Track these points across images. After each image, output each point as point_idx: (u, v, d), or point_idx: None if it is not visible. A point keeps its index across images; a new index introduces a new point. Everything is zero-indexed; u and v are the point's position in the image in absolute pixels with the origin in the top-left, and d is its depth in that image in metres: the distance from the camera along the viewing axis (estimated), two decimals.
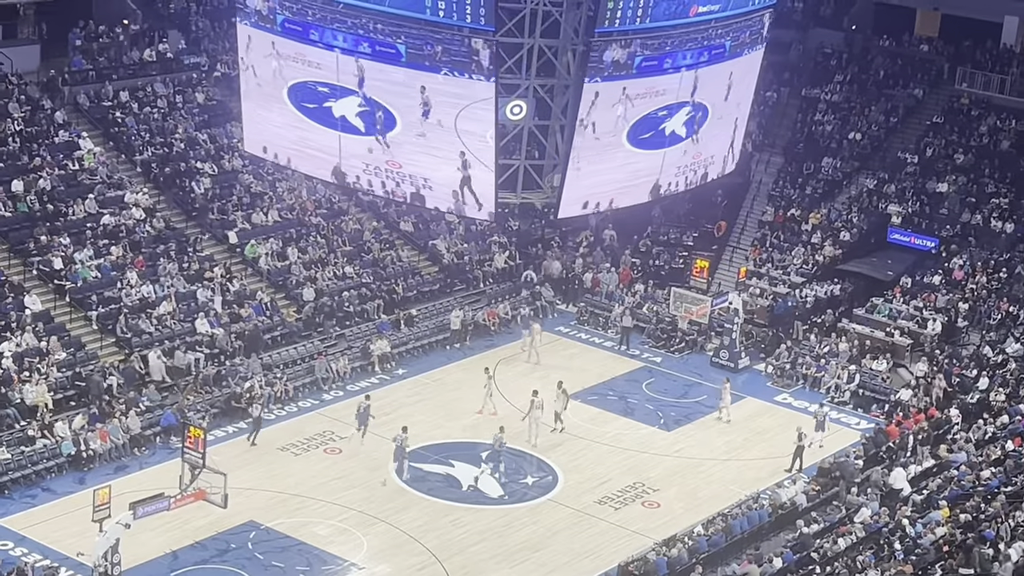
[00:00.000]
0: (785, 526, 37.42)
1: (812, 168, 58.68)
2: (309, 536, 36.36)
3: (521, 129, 39.94)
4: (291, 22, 41.38)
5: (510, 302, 51.95)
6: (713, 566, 35.19)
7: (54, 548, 34.98)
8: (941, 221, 54.43)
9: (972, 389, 44.97)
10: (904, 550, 33.70)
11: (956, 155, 56.83)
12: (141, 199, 49.35)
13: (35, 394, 40.25)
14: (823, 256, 54.18)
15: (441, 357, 48.26)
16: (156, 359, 43.04)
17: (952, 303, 50.42)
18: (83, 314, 44.66)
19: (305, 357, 46.25)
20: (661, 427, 44.09)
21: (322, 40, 40.78)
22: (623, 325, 50.21)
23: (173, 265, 47.42)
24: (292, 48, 41.85)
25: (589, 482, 40.20)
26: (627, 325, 50.16)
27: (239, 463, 38.84)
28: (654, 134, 42.80)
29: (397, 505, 38.19)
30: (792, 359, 48.23)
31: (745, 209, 57.98)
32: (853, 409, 45.66)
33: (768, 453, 42.40)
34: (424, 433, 42.26)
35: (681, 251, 56.08)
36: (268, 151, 45.59)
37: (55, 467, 38.87)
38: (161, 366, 43.06)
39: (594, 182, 42.13)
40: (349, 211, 54.24)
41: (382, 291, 50.06)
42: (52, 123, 50.74)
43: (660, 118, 42.57)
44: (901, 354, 48.80)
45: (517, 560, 35.98)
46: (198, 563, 34.88)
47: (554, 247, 55.67)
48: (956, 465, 39.17)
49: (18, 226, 46.28)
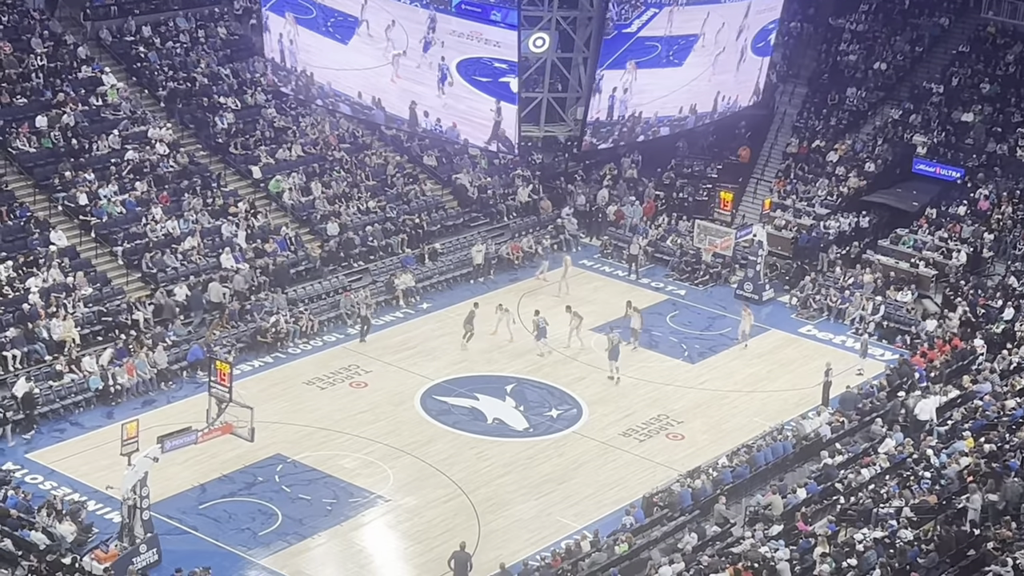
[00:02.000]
0: (809, 457, 37.47)
1: (837, 99, 58.28)
2: (335, 469, 36.59)
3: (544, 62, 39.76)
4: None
5: (534, 235, 51.94)
6: (737, 497, 35.30)
7: (83, 482, 35.32)
8: (967, 151, 54.07)
9: (997, 319, 44.88)
10: (929, 480, 33.75)
11: (982, 84, 56.33)
12: (165, 134, 49.37)
13: (62, 329, 40.49)
14: (848, 187, 53.94)
15: (465, 291, 48.32)
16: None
17: (977, 234, 50.20)
18: (108, 249, 44.84)
19: (330, 292, 46.38)
20: (685, 359, 44.13)
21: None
22: (630, 252, 50.31)
23: (197, 200, 47.50)
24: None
25: (613, 414, 40.31)
26: (633, 252, 50.25)
27: (265, 397, 39.05)
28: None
29: (422, 438, 38.39)
30: (816, 291, 48.19)
31: (769, 141, 57.70)
32: (878, 340, 45.61)
33: (792, 385, 42.42)
34: (448, 367, 42.44)
35: (705, 183, 55.89)
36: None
37: (83, 401, 39.18)
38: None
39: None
40: (372, 145, 54.16)
41: (406, 225, 50.13)
42: (75, 58, 50.71)
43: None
44: (926, 285, 48.67)
45: (542, 492, 36.16)
46: (226, 496, 35.18)
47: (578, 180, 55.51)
48: (981, 395, 39.16)
49: (43, 162, 46.38)
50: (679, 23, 46.11)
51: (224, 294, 44.01)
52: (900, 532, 31.14)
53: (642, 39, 45.54)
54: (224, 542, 33.26)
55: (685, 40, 46.71)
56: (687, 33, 46.68)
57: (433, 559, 32.87)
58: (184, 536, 33.40)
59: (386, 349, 43.60)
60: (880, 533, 31.35)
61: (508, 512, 35.22)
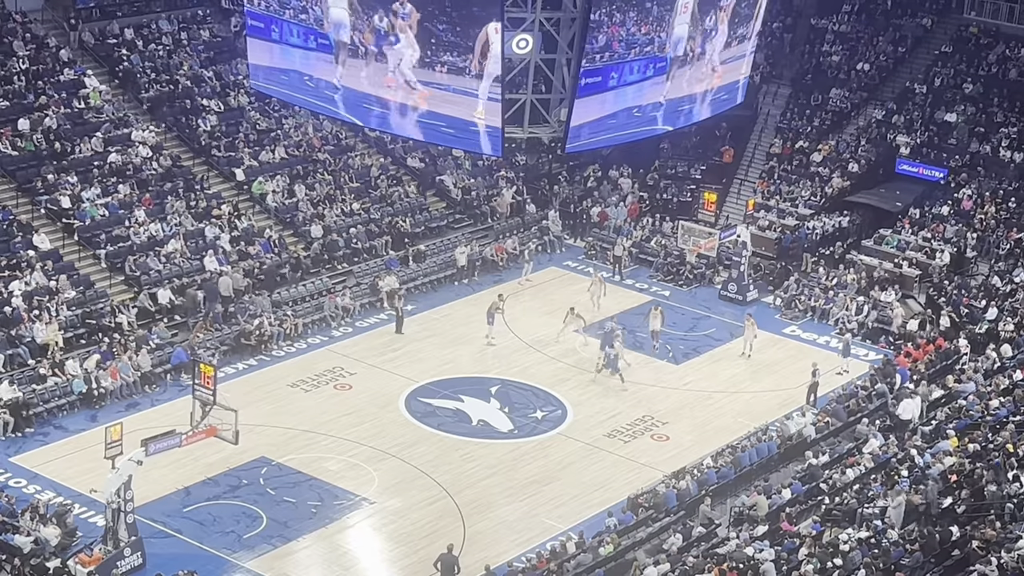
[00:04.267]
0: (794, 457, 37.52)
1: (820, 99, 58.39)
2: (320, 471, 36.56)
3: (527, 63, 39.67)
4: None
5: (518, 237, 51.94)
6: (722, 498, 35.38)
7: (67, 485, 35.23)
8: (950, 151, 54.22)
9: (980, 319, 45.00)
10: (912, 480, 33.82)
11: (965, 85, 56.50)
12: (148, 136, 49.28)
13: (45, 333, 40.39)
14: (831, 188, 54.04)
15: (449, 293, 48.31)
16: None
17: (961, 233, 50.35)
18: (91, 252, 44.74)
19: (314, 294, 46.33)
20: (670, 360, 44.17)
21: None
22: (614, 254, 50.35)
23: (181, 203, 47.41)
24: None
25: (598, 416, 40.33)
26: (617, 254, 50.28)
27: (249, 400, 38.95)
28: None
29: (407, 440, 38.36)
30: (800, 291, 48.26)
31: (753, 141, 57.79)
32: (862, 341, 45.68)
33: (777, 385, 42.49)
34: (433, 368, 42.42)
35: (689, 184, 55.96)
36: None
37: (67, 405, 39.09)
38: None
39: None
40: (356, 147, 54.12)
41: (390, 228, 50.08)
42: (57, 61, 50.59)
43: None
44: (909, 285, 48.78)
45: (527, 493, 36.17)
46: (210, 499, 35.12)
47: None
48: (965, 395, 39.26)
49: (25, 165, 46.26)
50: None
51: (231, 288, 44.40)
52: (887, 533, 31.25)
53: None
54: (209, 545, 33.19)
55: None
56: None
57: (418, 561, 32.86)
58: (169, 539, 33.32)
59: (370, 351, 43.55)
60: (865, 533, 31.42)
61: (493, 514, 35.21)
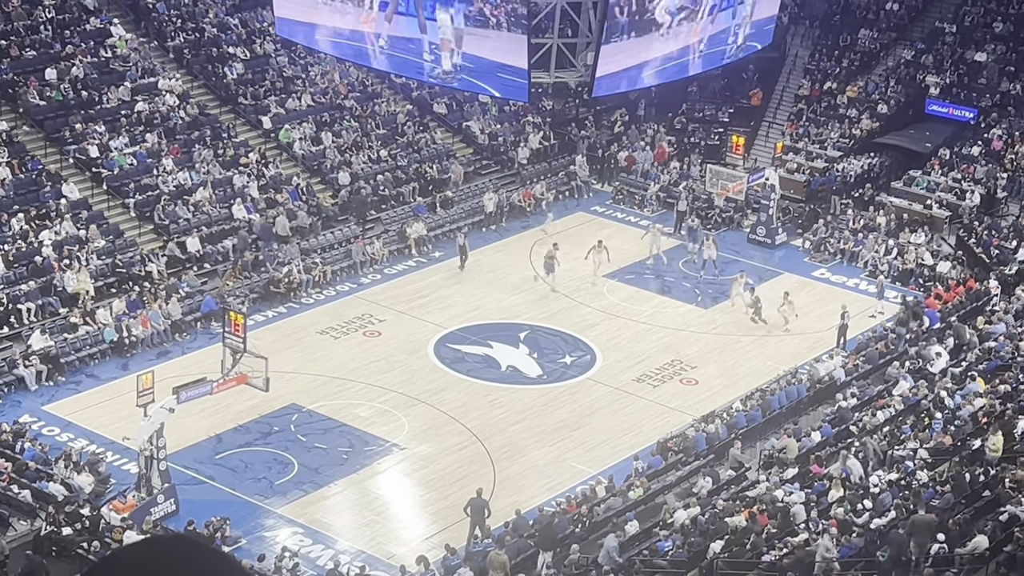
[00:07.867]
0: (823, 400, 37.52)
1: (848, 40, 57.90)
2: (350, 418, 36.73)
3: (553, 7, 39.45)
4: None
5: (545, 182, 51.80)
6: (751, 441, 35.39)
7: (100, 433, 35.53)
8: (980, 91, 53.77)
9: (1011, 260, 44.75)
10: (943, 421, 33.75)
11: (995, 23, 55.92)
12: (174, 85, 49.28)
13: (76, 282, 40.58)
14: (860, 129, 53.70)
15: (477, 239, 48.28)
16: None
17: (991, 174, 50.00)
18: (120, 201, 44.85)
19: (342, 241, 46.39)
20: (698, 304, 44.11)
21: None
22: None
23: (208, 151, 47.45)
24: None
25: (627, 360, 40.34)
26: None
27: (279, 347, 39.11)
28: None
29: (436, 386, 38.48)
30: (829, 234, 48.06)
31: (781, 83, 57.40)
32: (892, 283, 45.49)
33: (806, 328, 42.40)
34: (462, 315, 42.48)
35: (717, 127, 55.69)
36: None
37: (98, 353, 39.34)
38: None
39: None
40: (382, 94, 53.99)
41: (417, 174, 50.05)
42: (83, 10, 50.55)
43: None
44: (939, 226, 48.54)
45: (557, 438, 36.26)
46: (242, 446, 35.36)
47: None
48: (995, 336, 39.09)
49: (53, 114, 46.32)
50: None
51: (289, 228, 44.95)
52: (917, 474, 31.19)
53: None
54: (241, 491, 33.44)
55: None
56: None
57: (449, 506, 33.01)
58: (201, 486, 33.60)
59: (399, 298, 43.63)
60: (895, 475, 31.38)
61: (523, 459, 35.34)
